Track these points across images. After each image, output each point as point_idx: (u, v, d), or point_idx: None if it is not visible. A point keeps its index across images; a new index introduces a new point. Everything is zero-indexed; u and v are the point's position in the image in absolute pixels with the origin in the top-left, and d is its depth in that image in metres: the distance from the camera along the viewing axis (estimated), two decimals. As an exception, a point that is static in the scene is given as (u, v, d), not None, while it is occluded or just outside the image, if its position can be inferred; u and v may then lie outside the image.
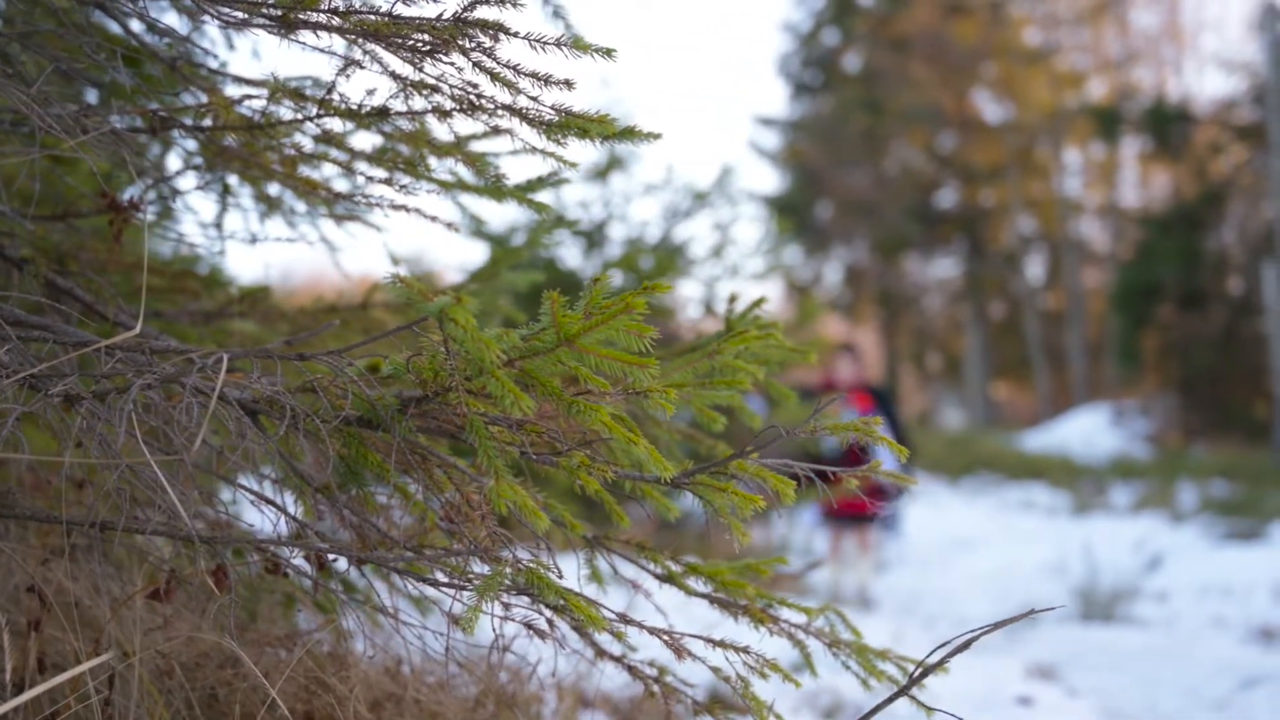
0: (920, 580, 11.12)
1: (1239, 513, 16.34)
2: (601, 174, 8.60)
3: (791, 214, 37.94)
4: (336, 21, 1.93)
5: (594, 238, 8.59)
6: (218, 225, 2.96)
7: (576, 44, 1.83)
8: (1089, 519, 16.45)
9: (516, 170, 2.77)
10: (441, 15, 1.87)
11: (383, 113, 2.15)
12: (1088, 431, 28.97)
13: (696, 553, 7.51)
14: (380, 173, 2.50)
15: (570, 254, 8.71)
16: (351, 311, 3.10)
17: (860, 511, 10.05)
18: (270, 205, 3.00)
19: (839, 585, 9.87)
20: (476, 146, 2.61)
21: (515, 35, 1.87)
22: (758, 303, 2.55)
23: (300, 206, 3.05)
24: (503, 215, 12.03)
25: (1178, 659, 6.88)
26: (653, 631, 2.02)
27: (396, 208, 2.44)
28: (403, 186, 2.36)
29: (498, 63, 1.92)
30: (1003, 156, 37.15)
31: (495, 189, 2.34)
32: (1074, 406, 33.98)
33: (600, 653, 2.31)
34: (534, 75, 1.92)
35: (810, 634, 2.29)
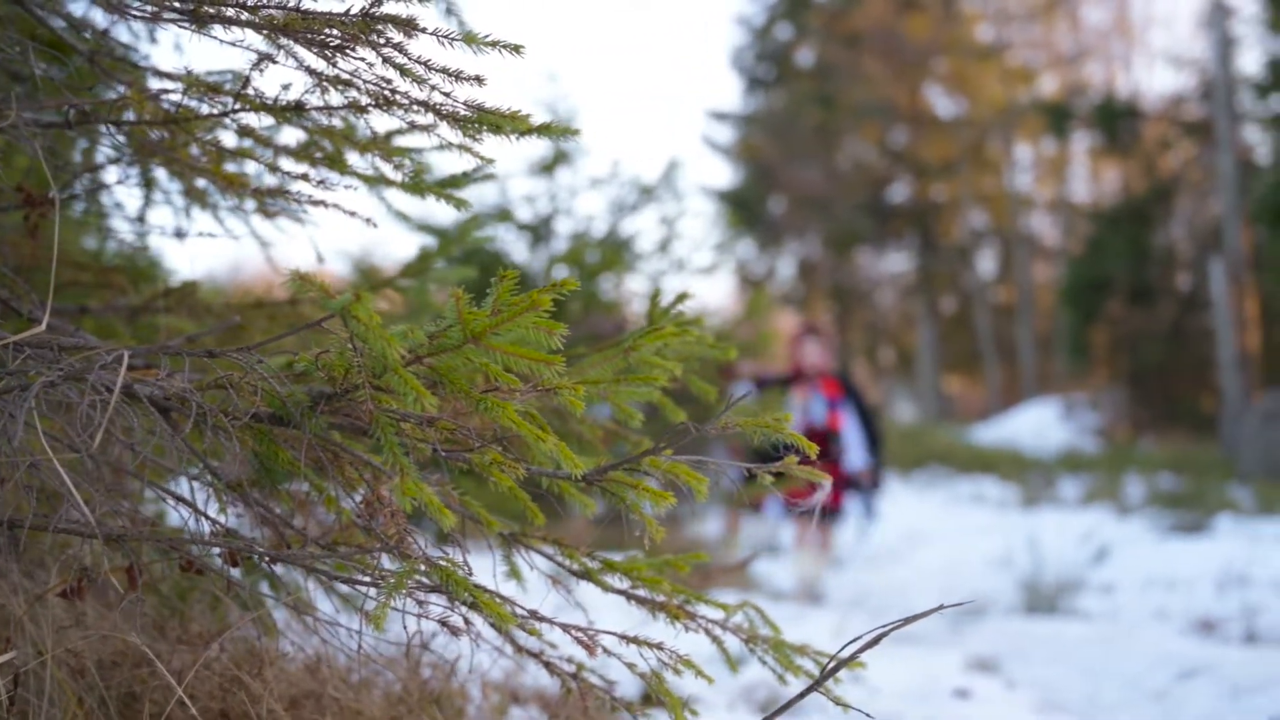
0: (871, 574, 11.15)
1: (1185, 506, 16.49)
2: (547, 168, 8.58)
3: (745, 208, 38.03)
4: (246, 16, 1.92)
5: (540, 232, 8.57)
6: (140, 219, 2.93)
7: (469, 39, 1.83)
8: (1038, 512, 16.54)
9: (450, 166, 2.76)
10: (349, 11, 1.86)
11: (299, 108, 2.14)
12: (1038, 425, 29.18)
13: (640, 548, 7.52)
14: (302, 167, 2.49)
15: (516, 248, 8.69)
16: (279, 306, 3.08)
17: (826, 502, 9.79)
18: (196, 200, 2.98)
19: (802, 578, 9.61)
20: (401, 142, 2.60)
21: (423, 31, 1.86)
22: (680, 298, 2.55)
23: (227, 201, 3.03)
24: (449, 211, 11.99)
25: (1119, 651, 6.93)
26: (564, 628, 2.03)
27: (316, 203, 2.43)
28: (320, 182, 2.35)
29: (409, 58, 1.92)
30: (954, 152, 37.33)
31: (415, 185, 2.32)
32: (1024, 400, 34.21)
33: (519, 649, 2.31)
34: (445, 71, 1.92)
35: (728, 630, 2.30)
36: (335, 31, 1.90)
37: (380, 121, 2.18)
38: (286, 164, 2.52)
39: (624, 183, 8.76)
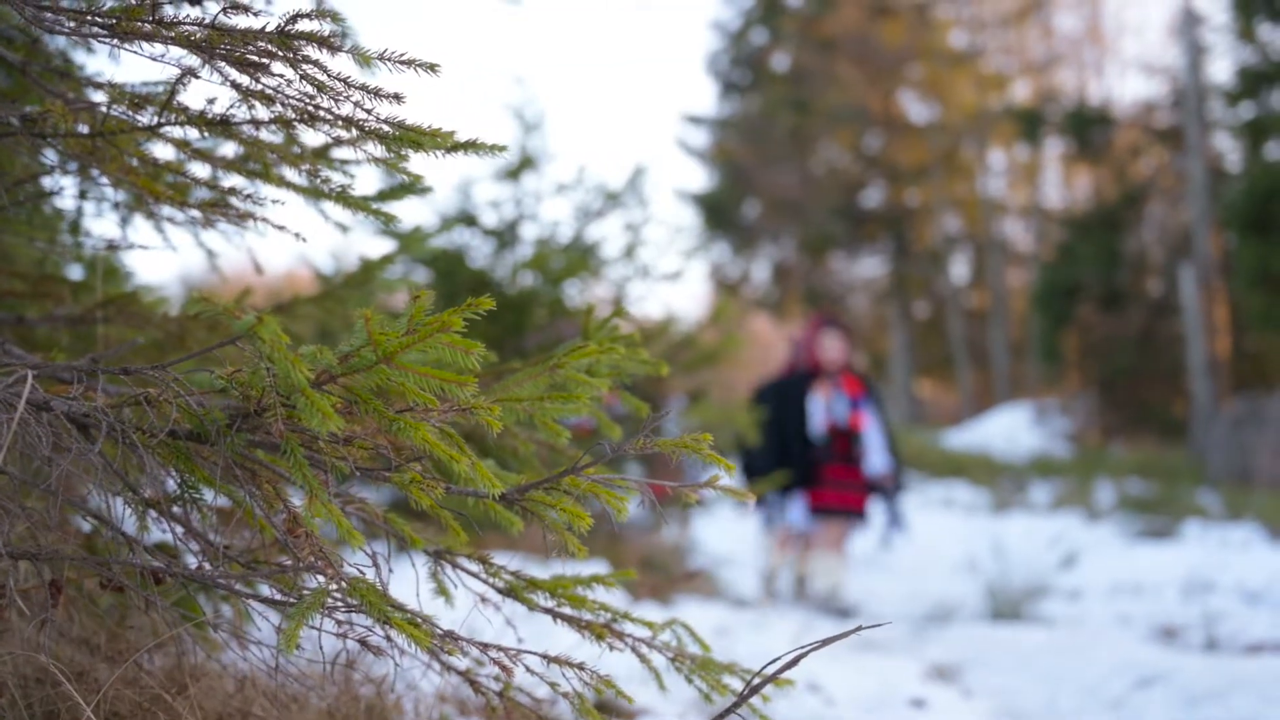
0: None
1: (1153, 511, 16.57)
2: (513, 174, 8.56)
3: (719, 212, 38.07)
4: (165, 32, 1.91)
5: (505, 237, 8.54)
6: (74, 229, 2.91)
7: (363, 59, 1.82)
8: (1008, 516, 16.61)
9: (387, 181, 2.75)
10: (265, 28, 1.85)
11: (225, 122, 2.13)
12: (1009, 430, 29.28)
13: (607, 555, 7.51)
14: (236, 180, 2.47)
15: (480, 254, 8.67)
16: (219, 318, 3.05)
17: (849, 507, 9.36)
18: (140, 210, 2.96)
19: (810, 586, 9.29)
20: (336, 157, 2.60)
21: (339, 50, 1.86)
22: (616, 313, 2.54)
23: (167, 212, 3.01)
24: (410, 218, 11.93)
25: (1080, 658, 6.94)
26: (482, 648, 2.02)
27: (246, 215, 2.42)
28: (247, 195, 2.34)
29: (328, 75, 1.91)
30: (928, 157, 37.39)
31: (343, 199, 2.31)
32: (996, 405, 34.31)
33: (446, 667, 2.30)
34: (364, 88, 1.91)
35: (654, 648, 2.29)
36: (255, 48, 1.89)
37: (310, 137, 2.18)
38: (225, 179, 2.51)
39: (590, 188, 8.75)
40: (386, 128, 1.96)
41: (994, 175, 38.98)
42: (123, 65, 2.37)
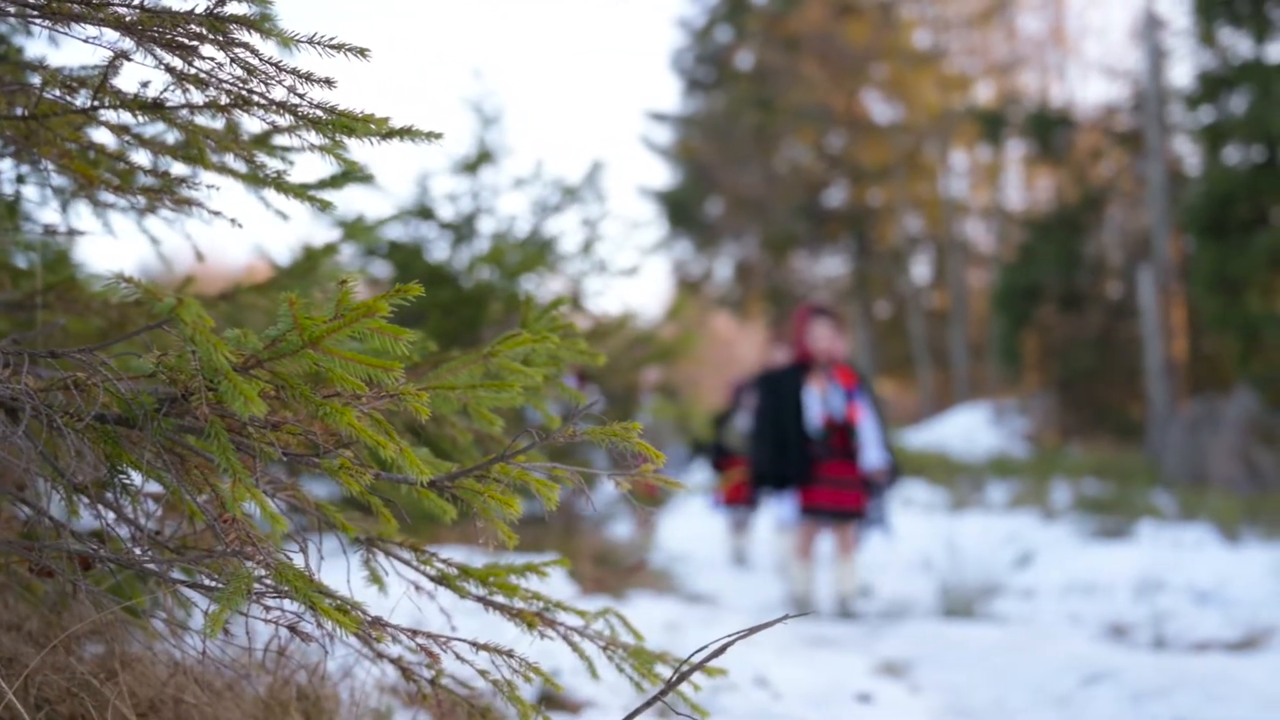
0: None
1: (1108, 511, 16.68)
2: (470, 166, 8.54)
3: (682, 209, 38.08)
4: (96, 14, 1.90)
5: (462, 230, 8.52)
6: (10, 214, 2.89)
7: (283, 40, 1.82)
8: (965, 516, 16.69)
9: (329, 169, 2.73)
10: (194, 11, 1.85)
11: (158, 105, 2.12)
12: (968, 429, 29.44)
13: (560, 549, 7.51)
14: (176, 166, 2.46)
15: (439, 247, 8.64)
16: (144, 301, 3.03)
17: (845, 506, 8.91)
18: (77, 195, 2.94)
19: (810, 589, 9.00)
20: (279, 143, 2.59)
21: (269, 34, 1.85)
22: (556, 303, 2.54)
23: (111, 197, 2.99)
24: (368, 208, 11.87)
25: (1029, 655, 6.98)
26: (410, 634, 2.02)
27: (181, 201, 2.41)
28: (181, 181, 2.33)
29: (259, 59, 1.90)
30: (891, 157, 37.51)
31: (279, 185, 2.30)
32: (956, 405, 34.47)
33: (379, 655, 2.29)
34: (294, 73, 1.91)
35: (586, 637, 2.29)
36: (185, 30, 1.89)
37: (251, 123, 2.17)
38: (165, 164, 2.49)
39: (548, 183, 8.74)
40: (319, 113, 1.95)
41: (956, 176, 39.15)
42: (63, 49, 2.35)
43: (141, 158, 2.59)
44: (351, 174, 2.51)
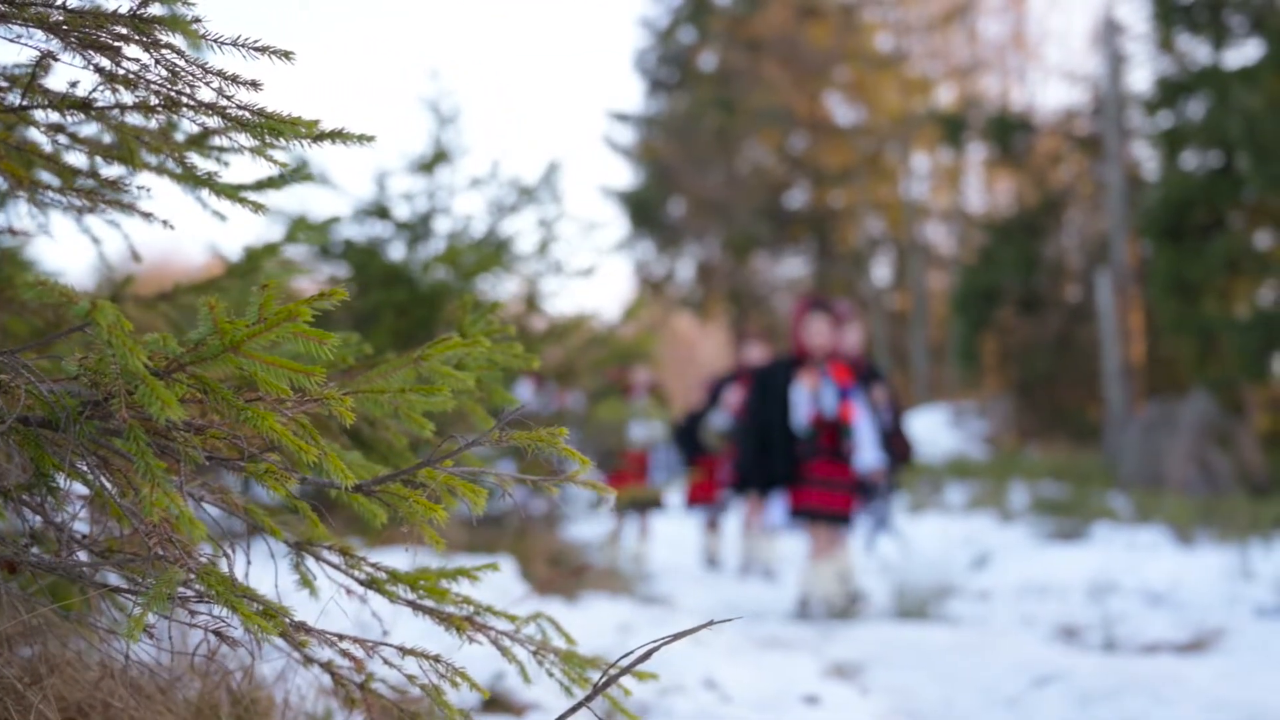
0: (740, 583, 11.23)
1: (1065, 513, 16.81)
2: (426, 166, 8.51)
3: (644, 210, 38.08)
4: (20, 13, 1.89)
5: (418, 231, 8.49)
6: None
7: (193, 39, 1.81)
8: (924, 517, 16.78)
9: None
10: (116, 11, 1.84)
11: (87, 105, 2.11)
12: (927, 431, 29.53)
13: (514, 550, 7.50)
14: (108, 166, 2.45)
15: (395, 247, 8.61)
16: (57, 302, 3.01)
17: (833, 509, 8.55)
18: (12, 194, 2.92)
19: (819, 594, 8.57)
20: (216, 144, 2.57)
21: (187, 34, 1.84)
22: (491, 307, 2.54)
23: (52, 196, 2.97)
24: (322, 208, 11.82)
25: (980, 657, 7.01)
26: (337, 638, 2.01)
27: (112, 203, 2.40)
28: (112, 183, 2.32)
29: (186, 60, 1.90)
30: (852, 159, 37.64)
31: (211, 185, 2.29)
32: (915, 406, 34.61)
33: (308, 659, 2.29)
34: (221, 74, 1.90)
35: (517, 641, 2.29)
36: (109, 31, 1.88)
37: (187, 125, 2.16)
38: (102, 166, 2.48)
39: (504, 183, 8.71)
40: (247, 115, 1.94)
41: (917, 179, 39.29)
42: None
43: (78, 158, 2.58)
44: (291, 175, 2.51)
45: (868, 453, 8.70)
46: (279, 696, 2.64)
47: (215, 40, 1.84)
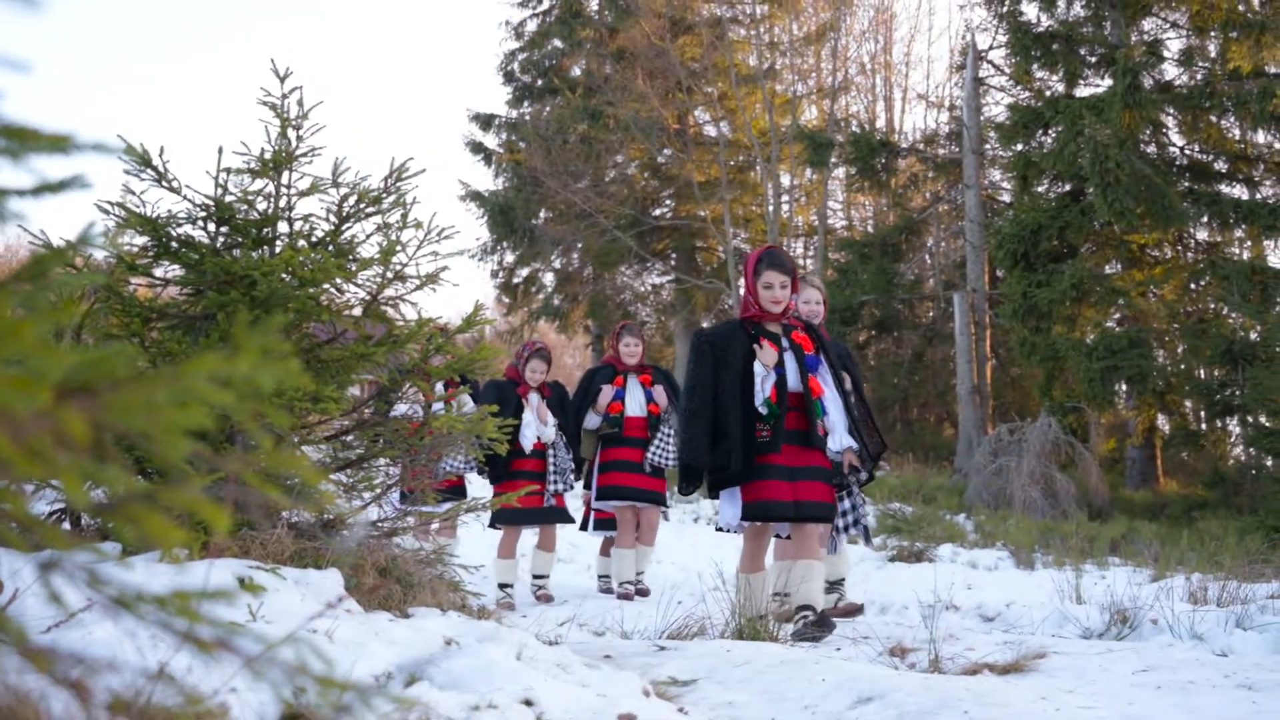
0: (596, 597, 11.22)
1: (912, 534, 17.07)
2: (266, 168, 8.36)
3: (507, 216, 37.92)
4: None
5: (256, 234, 8.34)
6: None
7: None
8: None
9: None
10: None
11: None
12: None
13: (339, 561, 7.37)
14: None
15: (231, 250, 8.45)
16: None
17: (812, 501, 7.02)
18: None
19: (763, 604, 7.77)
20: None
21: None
22: (273, 321, 2.48)
23: None
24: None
25: (808, 675, 7.03)
26: (77, 660, 1.95)
27: None
28: None
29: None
30: (718, 174, 37.90)
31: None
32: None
33: (56, 680, 2.21)
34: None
35: (272, 663, 2.24)
36: None
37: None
38: None
39: (347, 186, 8.59)
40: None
41: (781, 195, 39.72)
42: None
43: None
44: (54, 185, 2.43)
45: (839, 434, 7.18)
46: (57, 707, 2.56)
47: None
